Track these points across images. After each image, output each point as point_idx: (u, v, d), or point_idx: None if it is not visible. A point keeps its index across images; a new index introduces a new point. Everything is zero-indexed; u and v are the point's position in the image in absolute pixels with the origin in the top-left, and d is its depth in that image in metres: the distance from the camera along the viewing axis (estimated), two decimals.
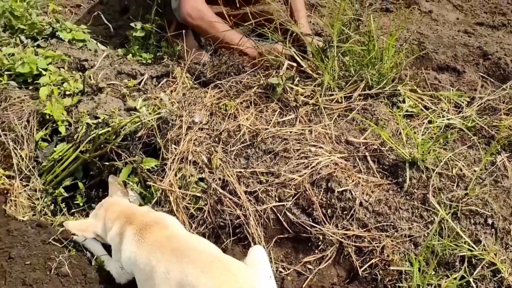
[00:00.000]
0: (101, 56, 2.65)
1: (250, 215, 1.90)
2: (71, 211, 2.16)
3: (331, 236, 1.86)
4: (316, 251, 1.88)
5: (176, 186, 1.97)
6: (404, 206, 1.90)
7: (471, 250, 1.77)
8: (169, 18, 2.72)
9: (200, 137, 2.10)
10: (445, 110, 2.27)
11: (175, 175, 1.99)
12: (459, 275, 1.73)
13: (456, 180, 1.94)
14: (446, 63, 2.60)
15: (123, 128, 2.14)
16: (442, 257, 1.79)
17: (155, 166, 2.06)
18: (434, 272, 1.76)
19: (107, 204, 1.93)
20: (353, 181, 1.93)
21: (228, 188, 1.96)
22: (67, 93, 2.36)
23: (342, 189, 1.90)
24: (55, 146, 2.24)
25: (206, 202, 1.96)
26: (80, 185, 2.18)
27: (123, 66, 2.59)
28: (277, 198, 1.93)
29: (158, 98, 2.29)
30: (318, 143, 2.07)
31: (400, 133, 2.11)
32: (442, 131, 2.15)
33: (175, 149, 2.05)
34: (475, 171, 1.96)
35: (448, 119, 2.19)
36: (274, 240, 1.92)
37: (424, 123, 2.18)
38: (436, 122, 2.18)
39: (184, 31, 2.65)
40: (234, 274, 1.53)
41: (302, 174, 1.95)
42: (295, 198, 1.92)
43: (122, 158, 2.09)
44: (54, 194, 2.16)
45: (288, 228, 1.91)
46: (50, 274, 1.74)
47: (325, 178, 1.93)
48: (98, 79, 2.43)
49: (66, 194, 2.17)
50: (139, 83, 2.48)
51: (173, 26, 2.73)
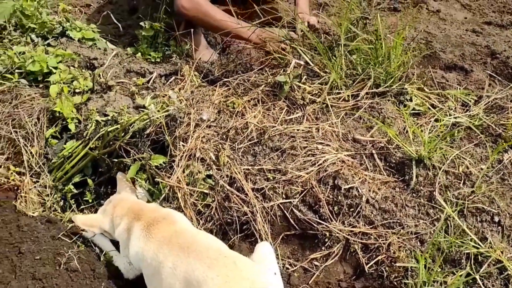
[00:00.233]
0: (110, 54, 2.67)
1: (257, 212, 1.91)
2: (80, 207, 2.19)
3: (338, 233, 1.86)
4: (322, 248, 1.88)
5: (184, 182, 1.98)
6: (410, 203, 1.90)
7: (477, 248, 1.77)
8: (177, 17, 2.74)
9: (208, 134, 2.11)
10: (452, 109, 2.26)
11: (183, 172, 2.00)
12: (465, 272, 1.73)
13: (462, 178, 1.94)
14: (453, 62, 2.59)
15: (132, 125, 2.17)
16: (448, 254, 1.78)
17: (163, 163, 2.08)
18: (440, 269, 1.76)
19: (116, 200, 1.95)
20: (359, 178, 1.94)
21: (235, 185, 1.97)
22: (77, 91, 2.39)
23: (349, 186, 1.91)
24: (65, 143, 2.26)
25: (213, 199, 1.97)
26: (89, 181, 2.20)
27: (132, 64, 2.61)
28: (284, 195, 1.94)
29: (166, 96, 2.31)
30: (325, 141, 2.08)
31: (406, 131, 2.11)
32: (449, 130, 2.15)
33: (183, 146, 2.06)
34: (482, 169, 1.96)
35: (455, 118, 2.18)
36: (281, 236, 1.93)
37: (431, 122, 2.17)
38: (443, 120, 2.18)
39: (192, 30, 2.66)
40: (241, 270, 1.54)
41: (309, 172, 1.96)
42: (302, 195, 1.93)
43: (131, 155, 2.11)
44: (63, 191, 2.19)
45: (295, 225, 1.92)
46: (59, 269, 1.77)
47: (332, 176, 1.94)
48: (108, 77, 2.46)
49: (75, 191, 2.20)
50: (148, 81, 2.50)
51: (181, 25, 2.75)
